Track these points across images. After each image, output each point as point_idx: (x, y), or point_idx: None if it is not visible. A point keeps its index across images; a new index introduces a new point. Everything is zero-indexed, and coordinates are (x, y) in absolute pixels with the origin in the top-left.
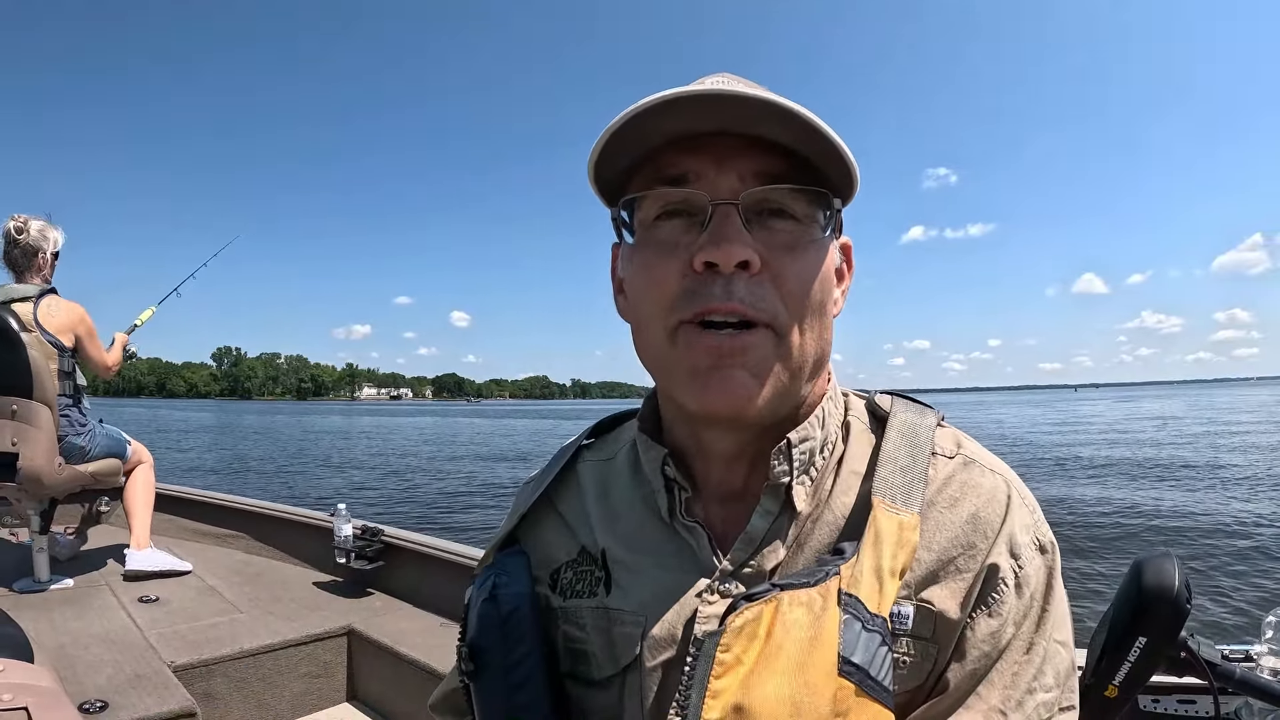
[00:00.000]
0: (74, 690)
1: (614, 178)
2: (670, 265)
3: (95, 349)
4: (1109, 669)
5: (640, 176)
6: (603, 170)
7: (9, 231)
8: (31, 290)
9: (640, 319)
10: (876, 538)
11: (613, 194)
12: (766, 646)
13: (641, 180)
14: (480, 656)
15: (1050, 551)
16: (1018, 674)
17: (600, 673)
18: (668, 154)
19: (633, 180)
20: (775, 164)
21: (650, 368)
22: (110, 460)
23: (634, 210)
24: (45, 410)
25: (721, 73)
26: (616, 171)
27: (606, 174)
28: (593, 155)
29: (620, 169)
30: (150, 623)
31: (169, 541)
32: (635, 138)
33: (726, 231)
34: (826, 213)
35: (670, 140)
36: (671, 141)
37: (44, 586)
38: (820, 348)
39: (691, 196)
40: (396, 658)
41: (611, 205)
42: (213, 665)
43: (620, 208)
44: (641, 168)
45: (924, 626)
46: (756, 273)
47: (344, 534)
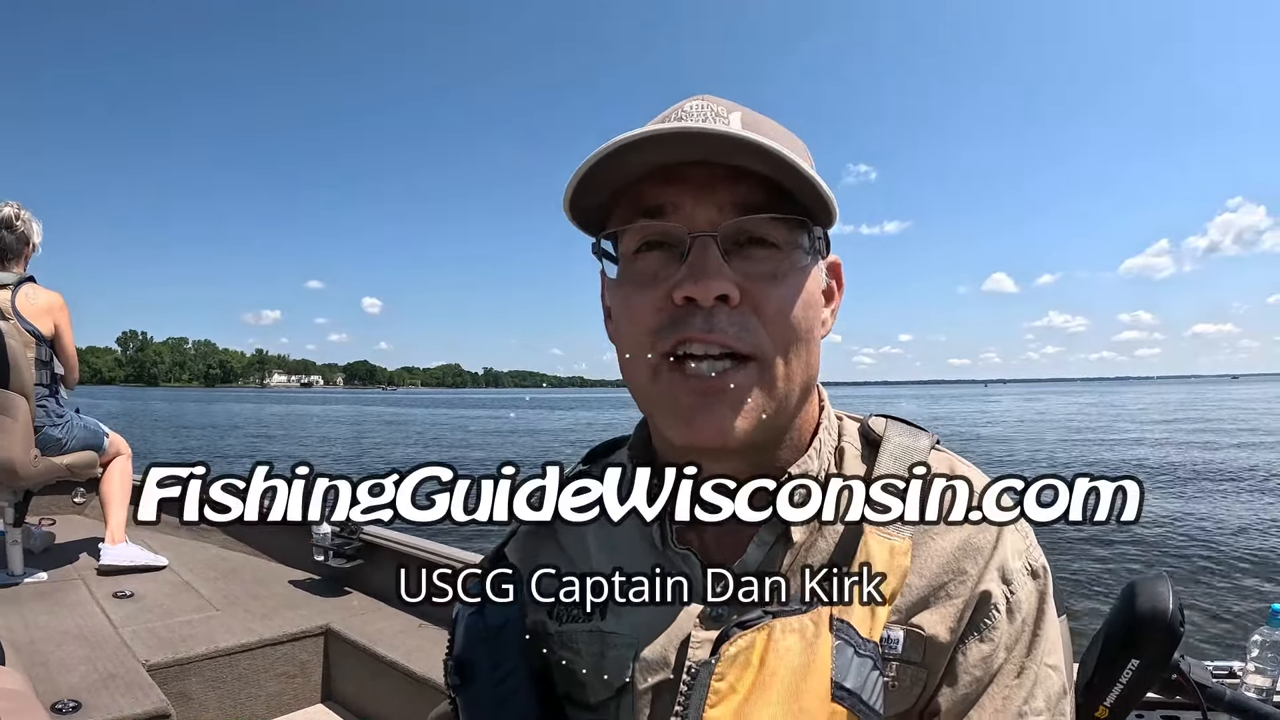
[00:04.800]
0: (46, 689)
1: (593, 207)
2: (650, 298)
3: (71, 341)
4: (1100, 689)
5: (620, 208)
6: (580, 200)
7: (7, 218)
8: (10, 278)
9: (624, 349)
10: (868, 563)
11: (592, 222)
12: (760, 674)
13: (621, 212)
14: (466, 671)
15: (1042, 576)
16: (1009, 698)
17: (595, 696)
18: (647, 185)
19: (613, 211)
20: (754, 193)
21: (636, 398)
22: (87, 453)
23: (616, 242)
24: (21, 400)
25: (701, 95)
26: (595, 201)
27: (585, 203)
28: (569, 189)
29: (599, 199)
30: (125, 619)
31: (146, 535)
32: (612, 170)
33: (705, 265)
34: (808, 237)
35: (649, 171)
36: (651, 172)
37: (17, 580)
38: (807, 373)
39: (670, 229)
40: (374, 658)
41: (592, 235)
42: (187, 665)
43: (601, 239)
44: (621, 198)
45: (914, 651)
46: (737, 305)
47: (322, 531)
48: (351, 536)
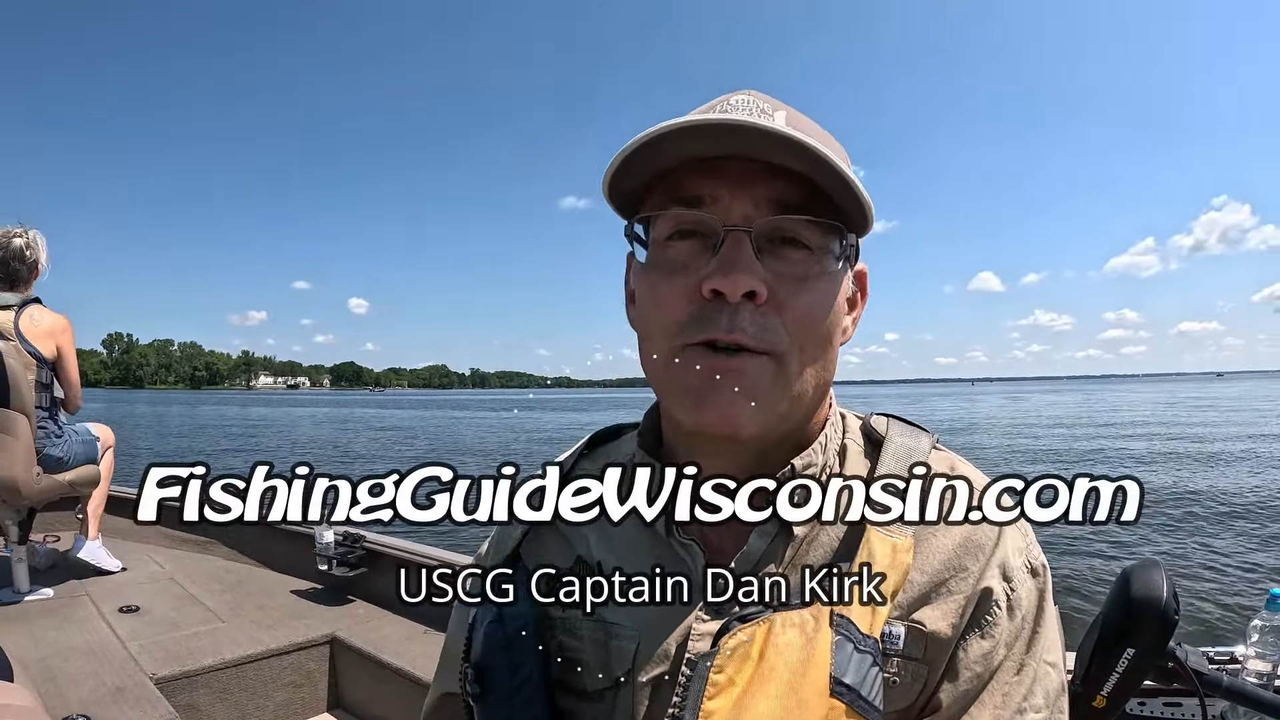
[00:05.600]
0: (56, 705)
1: (629, 191)
2: (678, 288)
3: (73, 365)
4: (1097, 679)
5: (656, 194)
6: (618, 183)
7: (17, 250)
8: (14, 299)
9: (646, 335)
10: (870, 559)
11: (626, 205)
12: (759, 668)
13: (657, 198)
14: (486, 677)
15: (1042, 574)
16: (1008, 694)
17: (593, 684)
18: (684, 174)
19: (648, 196)
20: (791, 192)
21: (652, 381)
22: (88, 468)
23: (648, 226)
24: (22, 419)
25: (746, 90)
26: (632, 186)
27: (622, 187)
28: (608, 173)
29: (637, 184)
30: (131, 633)
31: (149, 549)
32: (652, 156)
33: (737, 260)
34: (841, 243)
35: (687, 160)
36: (689, 161)
37: (23, 597)
38: (823, 377)
39: (704, 220)
40: (379, 666)
41: (626, 218)
42: (195, 676)
43: (634, 223)
44: (657, 184)
45: (915, 647)
46: (763, 303)
47: (325, 540)
48: (354, 545)
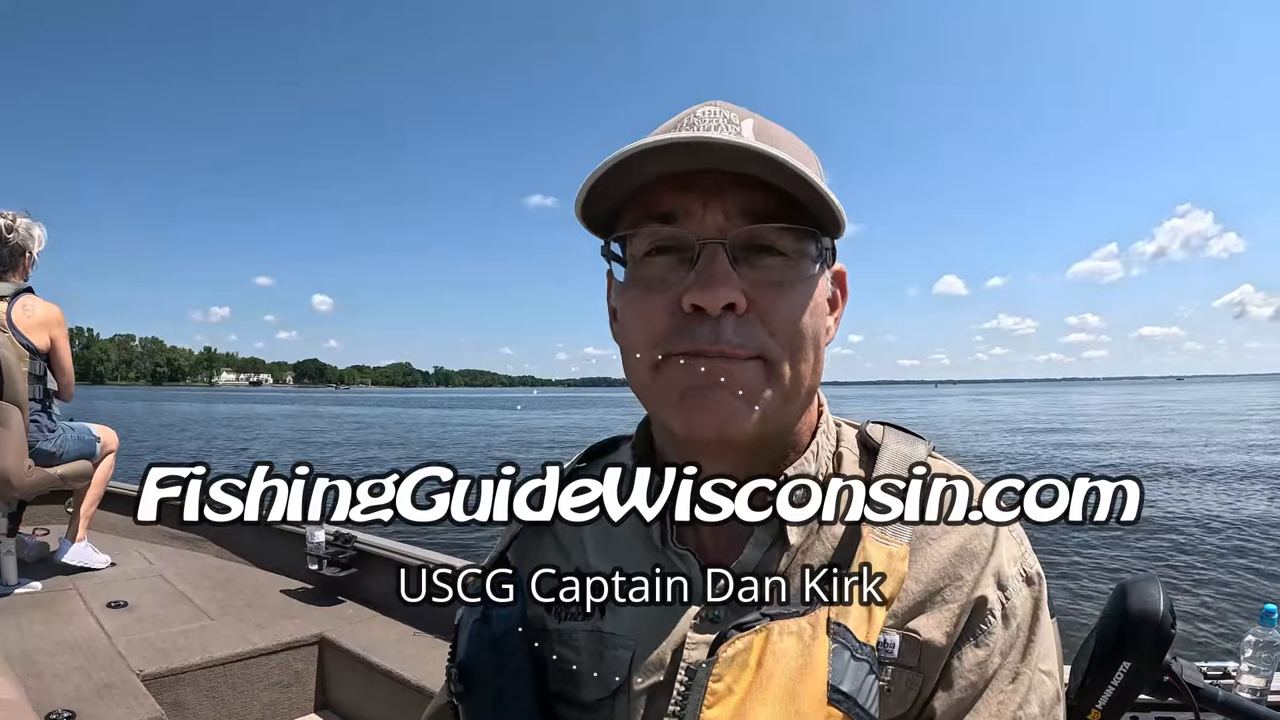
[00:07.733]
0: (41, 700)
1: (602, 211)
2: (659, 303)
3: (67, 355)
4: (1093, 692)
5: (630, 212)
6: (591, 205)
7: None
8: (7, 289)
9: (630, 349)
10: (866, 568)
11: (600, 224)
12: (757, 676)
13: (632, 216)
14: (471, 677)
15: (1037, 583)
16: (1003, 703)
17: (590, 695)
18: (658, 190)
19: (623, 214)
20: (763, 201)
21: (639, 393)
22: (81, 463)
23: (625, 245)
24: (14, 410)
25: (713, 100)
26: (606, 206)
27: (595, 208)
28: (580, 194)
29: (609, 203)
30: (119, 629)
31: (139, 545)
32: (623, 176)
33: (714, 272)
34: (817, 246)
35: (659, 177)
36: (660, 178)
37: (10, 590)
38: (811, 378)
39: (680, 235)
40: (368, 667)
41: (601, 237)
42: (182, 674)
43: (611, 242)
44: (631, 203)
45: (910, 656)
46: (744, 312)
47: (317, 540)
48: (345, 545)
